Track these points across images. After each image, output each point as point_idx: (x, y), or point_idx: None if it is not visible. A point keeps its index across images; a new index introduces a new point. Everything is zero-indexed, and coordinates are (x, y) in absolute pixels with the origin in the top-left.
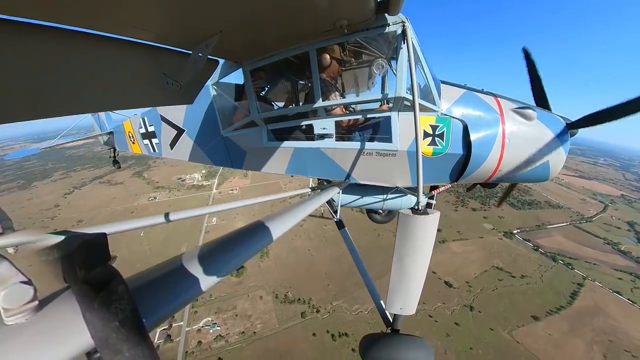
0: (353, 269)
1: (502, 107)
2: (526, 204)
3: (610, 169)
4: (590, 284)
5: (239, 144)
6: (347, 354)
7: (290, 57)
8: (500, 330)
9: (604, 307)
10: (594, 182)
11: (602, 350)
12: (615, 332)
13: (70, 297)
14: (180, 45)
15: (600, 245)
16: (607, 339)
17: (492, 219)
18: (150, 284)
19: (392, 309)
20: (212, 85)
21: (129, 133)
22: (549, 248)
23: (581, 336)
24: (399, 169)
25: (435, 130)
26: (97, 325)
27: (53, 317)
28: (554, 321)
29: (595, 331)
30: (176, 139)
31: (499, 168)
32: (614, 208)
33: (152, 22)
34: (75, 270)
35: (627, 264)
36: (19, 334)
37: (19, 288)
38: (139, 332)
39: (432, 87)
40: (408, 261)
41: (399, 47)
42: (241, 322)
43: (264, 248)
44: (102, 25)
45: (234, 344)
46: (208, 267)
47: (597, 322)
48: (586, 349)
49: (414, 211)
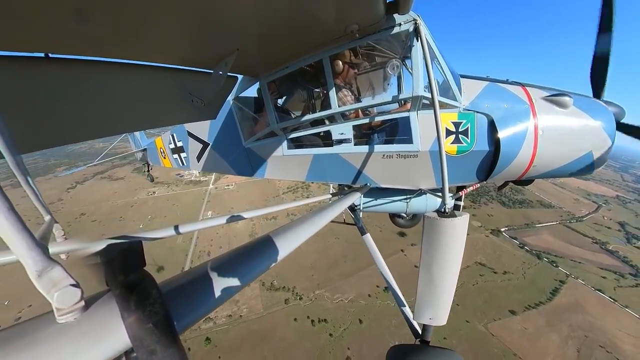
0: (338, 261)
1: (532, 97)
2: (517, 203)
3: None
4: (572, 282)
5: (260, 154)
6: (325, 338)
7: (304, 66)
8: (476, 323)
9: (584, 304)
10: (589, 183)
11: (576, 345)
12: (592, 328)
13: (111, 299)
14: (202, 66)
15: (588, 245)
16: (584, 334)
17: (480, 217)
18: (180, 289)
19: (421, 319)
20: (233, 99)
21: (160, 149)
22: (535, 246)
23: (557, 331)
24: (421, 170)
25: (459, 127)
26: (133, 326)
27: (96, 318)
28: (531, 316)
29: (572, 327)
30: (202, 152)
31: (533, 163)
32: (607, 208)
33: (176, 48)
34: (115, 275)
35: (613, 263)
36: (69, 331)
37: (69, 290)
38: (170, 335)
39: (451, 83)
40: (436, 268)
41: (412, 45)
42: (229, 306)
43: (287, 255)
44: (132, 54)
45: (221, 325)
46: (233, 274)
47: (575, 318)
48: (560, 344)
49: (440, 214)
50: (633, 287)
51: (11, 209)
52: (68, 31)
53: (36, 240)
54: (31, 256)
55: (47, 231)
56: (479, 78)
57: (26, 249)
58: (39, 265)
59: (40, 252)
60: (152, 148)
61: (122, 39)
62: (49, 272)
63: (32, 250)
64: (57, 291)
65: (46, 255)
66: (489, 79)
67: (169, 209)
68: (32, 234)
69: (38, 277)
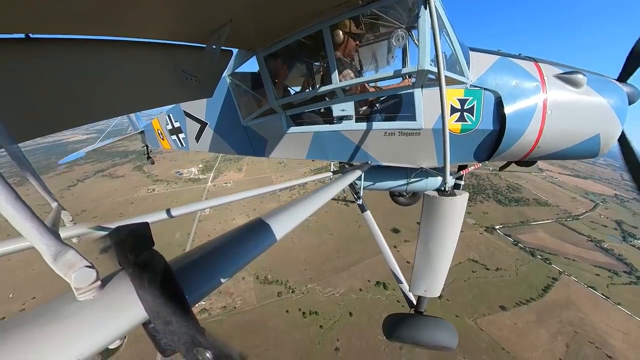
0: (331, 257)
1: (544, 73)
2: (513, 201)
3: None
4: (565, 279)
5: (259, 132)
6: (315, 329)
7: (303, 38)
8: (465, 318)
9: (576, 301)
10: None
11: (566, 340)
12: (582, 324)
13: (125, 278)
14: (194, 40)
15: (583, 243)
16: (573, 330)
17: (475, 215)
18: (190, 265)
19: (416, 291)
20: (229, 76)
21: (158, 130)
22: (529, 243)
23: (547, 327)
24: (423, 148)
25: (464, 104)
26: (149, 300)
27: (114, 294)
28: (521, 312)
29: (562, 323)
30: (200, 132)
31: (538, 144)
32: (604, 207)
33: (164, 21)
34: (127, 255)
35: (608, 261)
36: (90, 307)
37: (85, 271)
38: (184, 307)
39: (459, 56)
40: (433, 244)
41: (420, 14)
42: (224, 298)
43: (292, 230)
44: (119, 30)
45: (215, 316)
46: (240, 249)
47: (565, 314)
48: (549, 339)
49: (440, 192)
50: (627, 284)
51: (18, 198)
52: (49, 8)
53: (47, 226)
54: (44, 242)
55: (56, 217)
56: (489, 52)
57: (39, 236)
58: (52, 250)
59: (52, 237)
60: (150, 130)
61: (106, 15)
62: (63, 256)
63: (44, 237)
64: (74, 272)
65: (58, 240)
66: (499, 53)
67: (169, 206)
68: (42, 221)
69: (54, 261)
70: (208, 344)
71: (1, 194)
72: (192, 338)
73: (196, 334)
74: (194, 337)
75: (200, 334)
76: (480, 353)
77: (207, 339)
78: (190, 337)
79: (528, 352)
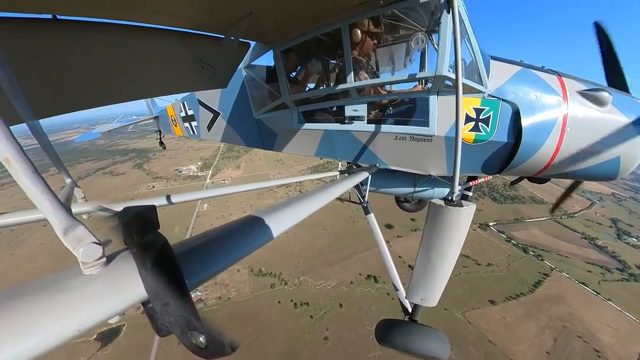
0: (324, 251)
1: (567, 88)
2: (509, 199)
3: None
4: (557, 275)
5: (270, 126)
6: (306, 319)
7: (320, 35)
8: (454, 311)
9: (566, 296)
10: None
11: (554, 334)
12: (571, 319)
13: (129, 257)
14: (213, 30)
15: (577, 240)
16: (562, 324)
17: None
18: (192, 251)
19: (413, 299)
20: (244, 68)
21: (172, 117)
22: (522, 240)
23: (535, 321)
24: (434, 155)
25: (480, 114)
26: (149, 281)
27: (117, 271)
28: (510, 306)
29: (551, 317)
30: (212, 122)
31: (553, 161)
32: (601, 205)
33: (185, 9)
34: (132, 235)
35: (600, 258)
36: (94, 281)
37: (92, 247)
38: (182, 290)
39: (479, 64)
40: (435, 254)
41: (442, 18)
42: (219, 289)
43: (295, 224)
44: (140, 15)
45: (210, 306)
46: (242, 239)
47: (555, 309)
48: (537, 333)
49: (447, 202)
50: (618, 281)
51: (36, 172)
52: None
53: (60, 201)
54: (56, 215)
55: (70, 193)
56: (511, 62)
57: (51, 209)
58: (63, 223)
59: (64, 212)
60: (164, 115)
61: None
62: (73, 230)
63: (57, 210)
64: (82, 247)
65: (70, 215)
66: (522, 64)
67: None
68: (56, 196)
69: (64, 234)
70: (202, 329)
71: (20, 167)
72: (187, 321)
73: (192, 318)
74: (189, 320)
75: (196, 318)
76: (467, 345)
77: (202, 324)
78: (186, 320)
79: (515, 345)
